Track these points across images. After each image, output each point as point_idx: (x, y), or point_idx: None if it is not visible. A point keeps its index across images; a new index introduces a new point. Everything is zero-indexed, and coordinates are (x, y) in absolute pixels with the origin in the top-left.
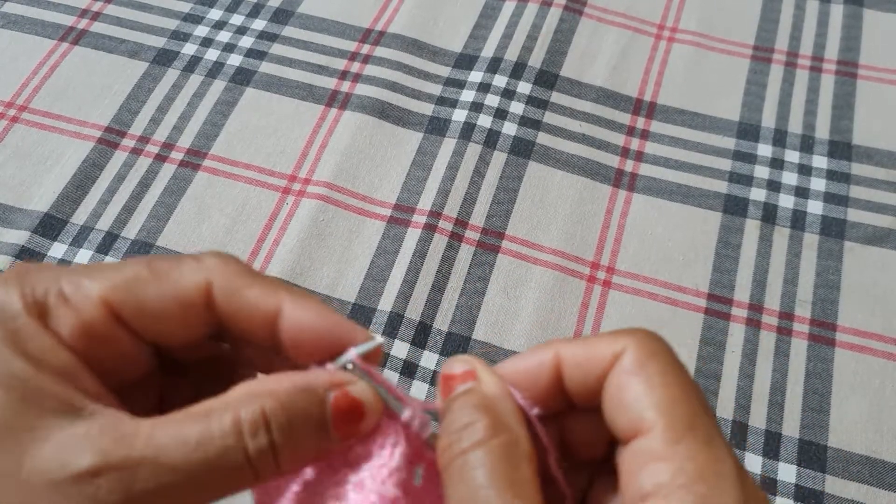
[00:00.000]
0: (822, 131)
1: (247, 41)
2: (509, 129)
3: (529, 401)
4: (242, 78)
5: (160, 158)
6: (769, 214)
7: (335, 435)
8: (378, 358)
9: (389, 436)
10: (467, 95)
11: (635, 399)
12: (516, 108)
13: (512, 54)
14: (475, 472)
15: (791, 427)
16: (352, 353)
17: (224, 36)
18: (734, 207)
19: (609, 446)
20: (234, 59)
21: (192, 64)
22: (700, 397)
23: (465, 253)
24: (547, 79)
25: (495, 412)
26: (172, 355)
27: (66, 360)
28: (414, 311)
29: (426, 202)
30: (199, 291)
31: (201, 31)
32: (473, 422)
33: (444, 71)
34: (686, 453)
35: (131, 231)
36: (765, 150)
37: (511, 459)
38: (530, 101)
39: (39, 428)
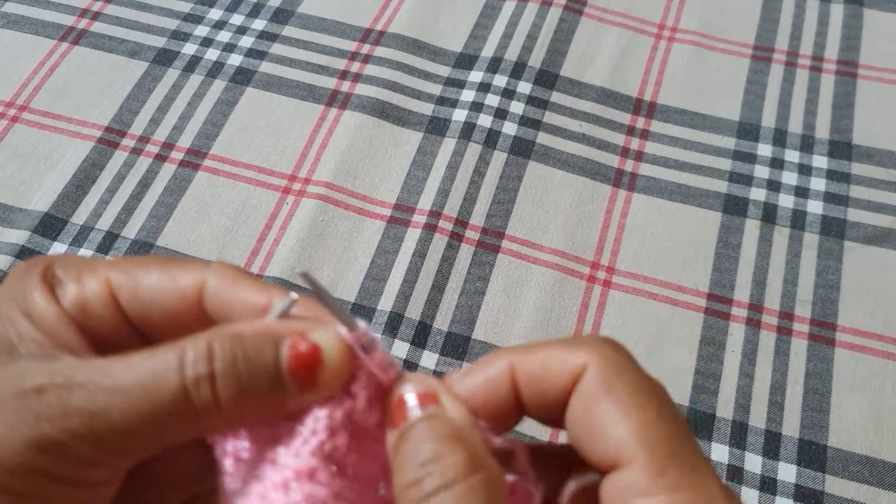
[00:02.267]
0: (822, 131)
1: (247, 41)
2: (509, 128)
3: (490, 428)
4: (242, 78)
5: (160, 158)
6: (769, 214)
7: (291, 383)
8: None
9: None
10: (467, 95)
11: (608, 427)
12: (516, 107)
13: (512, 54)
14: None
15: (791, 427)
16: (287, 301)
17: (224, 36)
18: (734, 207)
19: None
20: (235, 59)
21: (193, 64)
22: (675, 414)
23: (465, 253)
24: (547, 79)
25: (467, 444)
26: None
27: (56, 319)
28: (414, 311)
29: (426, 202)
30: (194, 287)
31: (201, 30)
32: (442, 455)
33: (444, 71)
34: (672, 485)
35: (131, 231)
36: (765, 149)
37: (493, 501)
38: (530, 100)
39: (10, 363)
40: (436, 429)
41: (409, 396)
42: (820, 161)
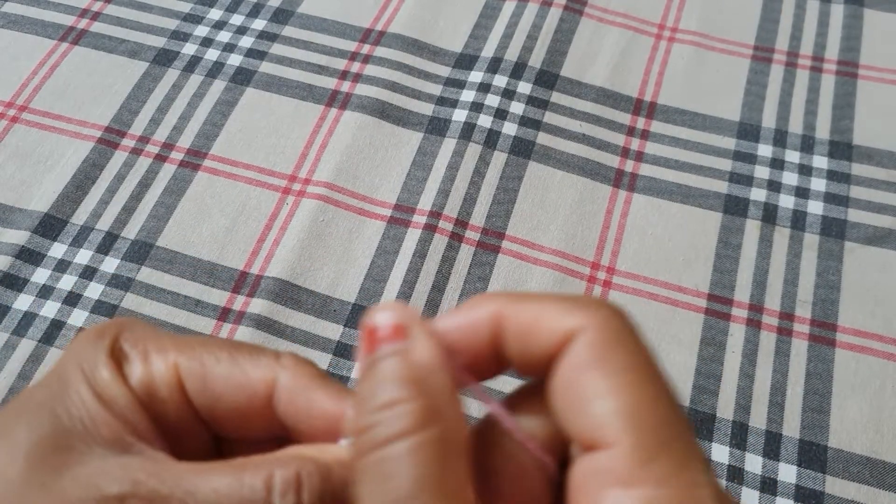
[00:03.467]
0: (823, 131)
1: (247, 41)
2: (509, 129)
3: (467, 372)
4: (242, 78)
5: (160, 158)
6: (769, 215)
7: None
8: None
9: None
10: (467, 95)
11: (594, 401)
12: (516, 108)
13: (512, 54)
14: (397, 475)
15: (791, 427)
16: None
17: (224, 36)
18: (734, 207)
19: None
20: (235, 59)
21: (193, 64)
22: (673, 399)
23: (465, 253)
24: (547, 79)
25: (428, 390)
26: (233, 443)
27: (127, 403)
28: None
29: (426, 202)
30: (265, 386)
31: (201, 30)
32: (397, 401)
33: (445, 71)
34: (657, 478)
35: (131, 231)
36: (765, 150)
37: (445, 459)
38: (530, 101)
39: (86, 453)
40: (396, 369)
41: (381, 327)
42: (820, 161)
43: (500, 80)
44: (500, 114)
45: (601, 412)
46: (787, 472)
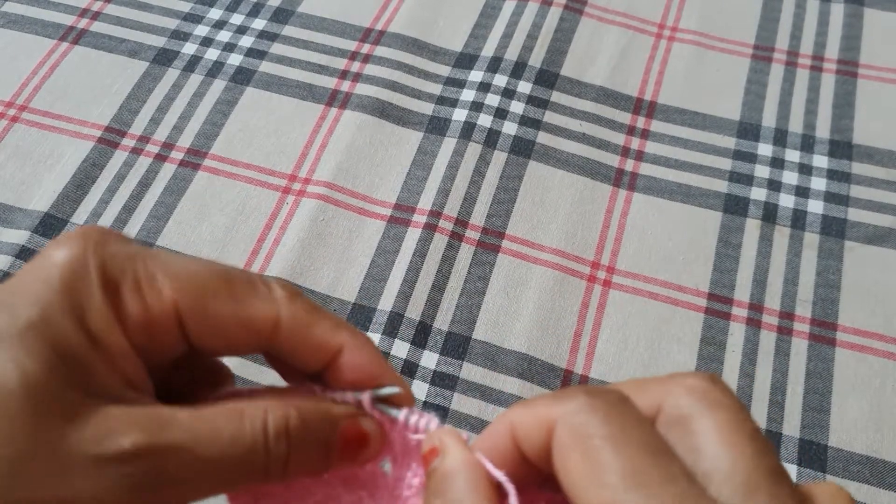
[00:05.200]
0: (823, 131)
1: (247, 41)
2: (509, 128)
3: (510, 473)
4: (242, 77)
5: (160, 158)
6: (769, 214)
7: (337, 457)
8: (407, 402)
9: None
10: (467, 95)
11: (579, 476)
12: (516, 107)
13: (512, 54)
14: None
15: (791, 427)
16: (366, 396)
17: (224, 35)
18: (734, 207)
19: None
20: (235, 59)
21: (193, 63)
22: (649, 446)
23: (466, 252)
24: (547, 78)
25: (448, 493)
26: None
27: (122, 346)
28: (414, 311)
29: (426, 202)
30: (268, 323)
31: (201, 30)
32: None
33: (445, 70)
34: None
35: (132, 231)
36: (765, 149)
37: None
38: (530, 100)
39: (84, 405)
40: (430, 484)
41: (424, 453)
42: (820, 161)
43: (501, 80)
44: (501, 113)
45: (584, 484)
46: (788, 472)
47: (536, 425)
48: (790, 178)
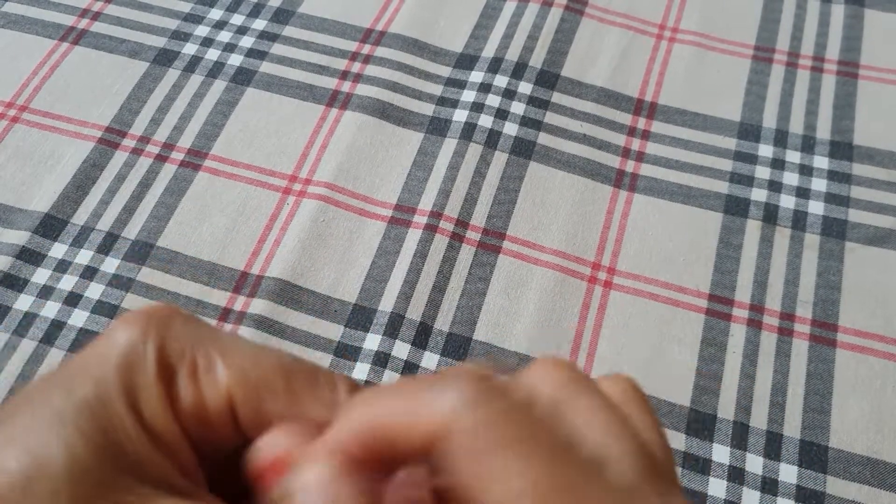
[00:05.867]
0: (824, 132)
1: (247, 41)
2: (510, 129)
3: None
4: (243, 78)
5: (161, 158)
6: (770, 215)
7: None
8: None
9: None
10: (468, 96)
11: (486, 487)
12: (517, 108)
13: (513, 54)
14: None
15: (792, 428)
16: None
17: (224, 36)
18: (735, 208)
19: None
20: (235, 59)
21: (193, 64)
22: (557, 448)
23: (466, 253)
24: (548, 79)
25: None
26: None
27: (176, 436)
28: (415, 312)
29: (427, 202)
30: (321, 426)
31: (202, 30)
32: None
33: (445, 71)
34: None
35: (132, 231)
36: (766, 150)
37: None
38: (531, 101)
39: (137, 494)
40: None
41: (266, 463)
42: (821, 162)
43: (501, 81)
44: (501, 114)
45: (496, 497)
46: (788, 473)
47: (414, 422)
48: (791, 179)
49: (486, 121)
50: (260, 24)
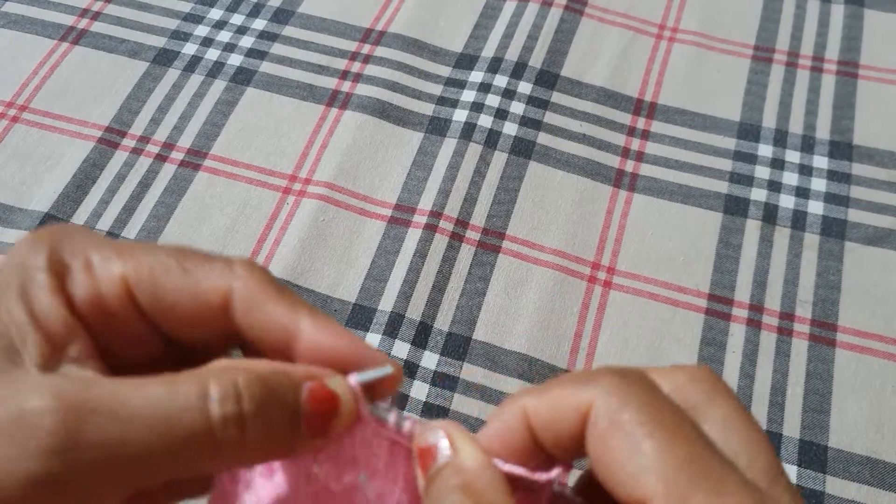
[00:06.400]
0: (823, 131)
1: (247, 41)
2: (510, 129)
3: (517, 463)
4: (243, 78)
5: (161, 158)
6: (770, 215)
7: (305, 429)
8: (395, 383)
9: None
10: (468, 95)
11: (624, 463)
12: (517, 108)
13: (512, 54)
14: None
15: (791, 427)
16: (353, 379)
17: (224, 36)
18: (735, 208)
19: None
20: (235, 59)
21: (193, 64)
22: (694, 435)
23: (466, 253)
24: (547, 79)
25: (477, 492)
26: (185, 346)
27: (62, 321)
28: (414, 311)
29: (427, 202)
30: (219, 297)
31: (202, 30)
32: None
33: (445, 71)
34: None
35: (132, 231)
36: (765, 150)
37: None
38: (531, 101)
39: (8, 372)
40: (450, 479)
41: (431, 445)
42: (820, 161)
43: (501, 80)
44: (501, 114)
45: (631, 471)
46: (788, 473)
47: (560, 412)
48: (790, 178)
49: (485, 121)
50: (260, 23)
